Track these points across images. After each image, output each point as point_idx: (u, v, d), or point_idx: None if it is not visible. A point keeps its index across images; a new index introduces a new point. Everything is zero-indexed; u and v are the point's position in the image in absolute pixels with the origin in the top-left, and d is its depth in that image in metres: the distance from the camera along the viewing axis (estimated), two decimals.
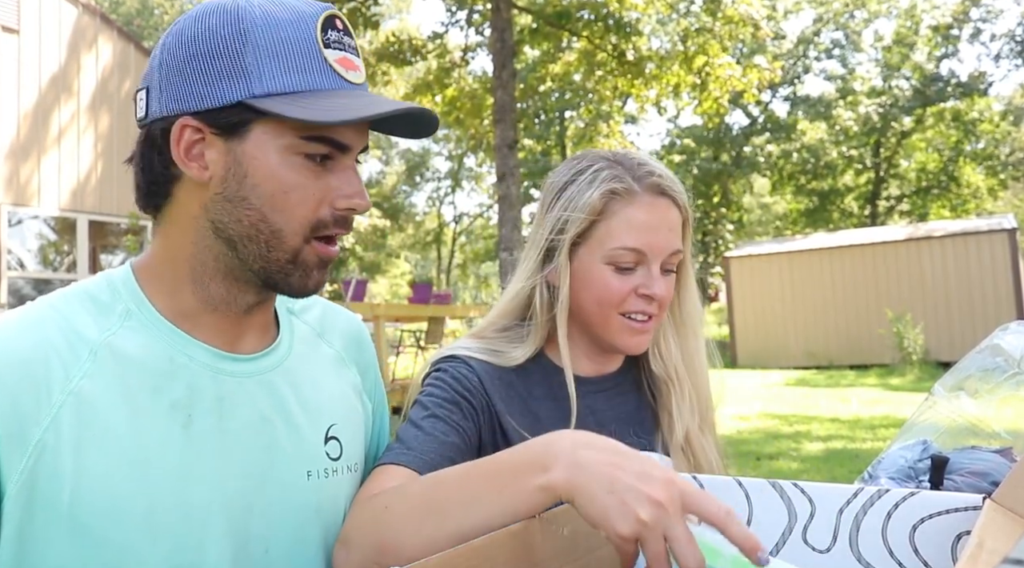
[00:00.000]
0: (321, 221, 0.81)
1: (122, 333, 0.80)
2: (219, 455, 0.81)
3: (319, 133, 0.78)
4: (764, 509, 0.79)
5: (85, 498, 0.74)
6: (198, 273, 0.83)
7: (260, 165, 0.78)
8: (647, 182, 1.09)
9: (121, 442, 0.76)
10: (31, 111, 10.31)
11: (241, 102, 0.76)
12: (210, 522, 0.79)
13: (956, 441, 1.09)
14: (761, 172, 22.47)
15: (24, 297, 10.21)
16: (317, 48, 0.78)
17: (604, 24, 11.62)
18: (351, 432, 0.95)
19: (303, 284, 0.82)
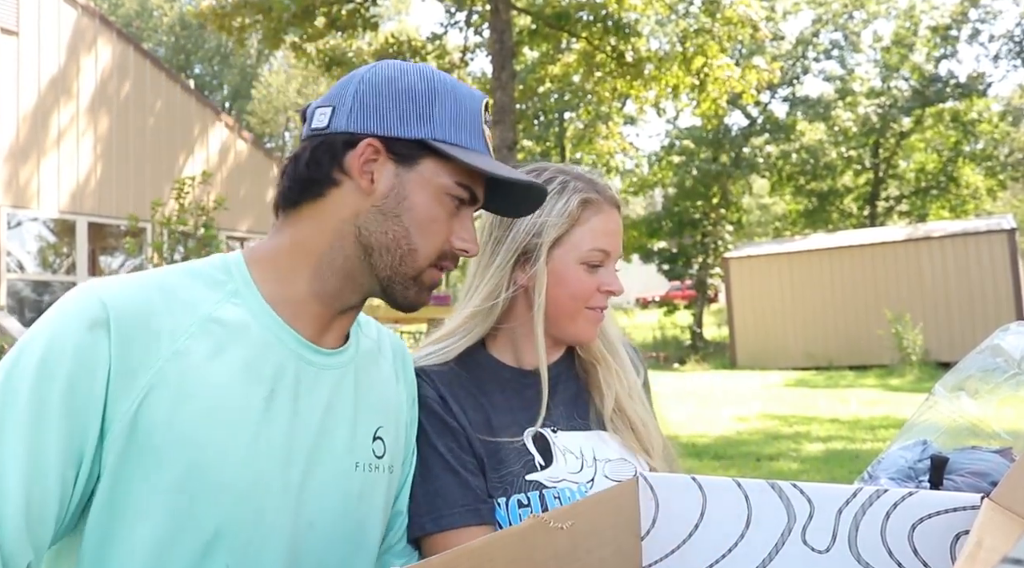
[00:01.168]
0: (444, 252, 0.98)
1: (227, 308, 0.93)
2: (288, 432, 0.92)
3: (467, 181, 0.97)
4: (763, 510, 0.80)
5: (173, 449, 0.84)
6: (323, 266, 0.97)
7: (419, 193, 0.95)
8: (607, 195, 1.28)
9: (210, 403, 0.87)
10: (30, 113, 10.31)
11: (422, 140, 0.94)
12: (271, 488, 0.89)
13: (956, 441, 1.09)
14: (760, 173, 22.45)
15: (23, 299, 10.22)
16: (480, 122, 0.99)
17: (603, 25, 11.63)
18: (395, 437, 1.07)
19: (417, 298, 0.99)
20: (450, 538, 1.08)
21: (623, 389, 1.29)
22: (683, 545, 0.84)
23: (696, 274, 20.72)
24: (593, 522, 0.81)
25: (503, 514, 1.13)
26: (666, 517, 0.85)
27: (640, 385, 1.34)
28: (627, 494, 0.86)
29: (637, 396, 1.31)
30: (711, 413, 8.76)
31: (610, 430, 1.26)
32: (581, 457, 1.21)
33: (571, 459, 1.20)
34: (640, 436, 1.26)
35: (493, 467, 1.16)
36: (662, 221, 21.36)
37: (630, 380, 1.31)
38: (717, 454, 6.39)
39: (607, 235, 1.25)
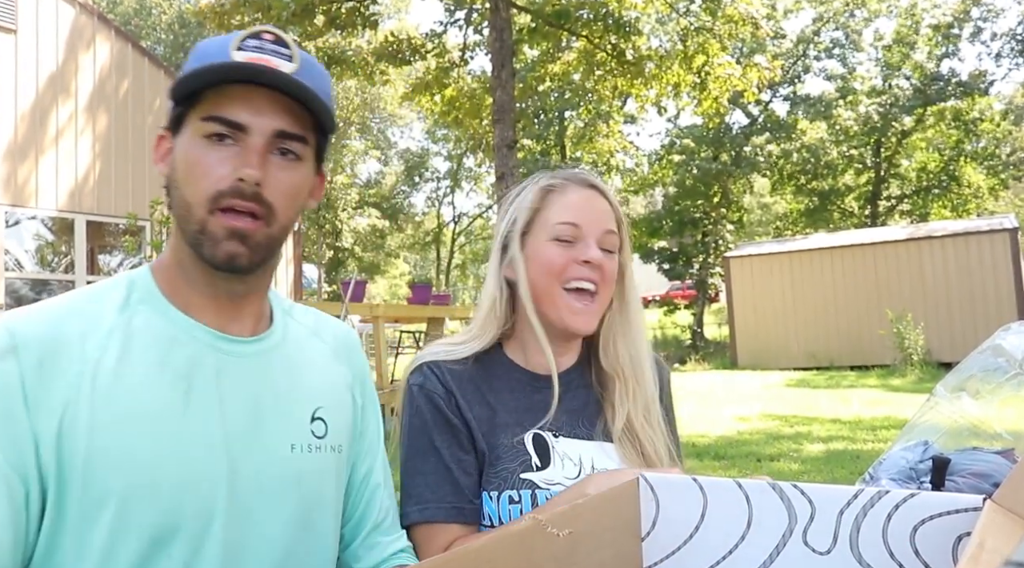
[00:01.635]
0: (220, 192, 0.91)
1: (134, 316, 0.94)
2: (214, 422, 0.93)
3: (212, 113, 0.91)
4: (764, 510, 0.79)
5: (97, 456, 0.85)
6: (180, 260, 0.97)
7: (180, 150, 0.94)
8: (576, 178, 1.29)
9: (127, 407, 0.88)
10: (28, 111, 10.31)
11: (173, 104, 0.94)
12: (204, 483, 0.90)
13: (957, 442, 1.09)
14: (761, 172, 22.44)
15: (22, 298, 10.22)
16: (227, 51, 0.92)
17: (603, 23, 11.61)
18: (336, 416, 1.06)
19: (213, 253, 0.92)
20: (431, 530, 1.15)
21: (636, 409, 1.26)
22: (684, 546, 0.83)
23: (697, 273, 20.71)
24: (593, 523, 0.80)
25: (493, 508, 1.16)
26: (666, 518, 0.84)
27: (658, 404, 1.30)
28: (627, 495, 0.85)
29: (654, 418, 1.28)
30: (712, 413, 8.75)
31: (616, 444, 1.25)
32: (579, 465, 1.21)
33: (569, 465, 1.20)
34: (648, 460, 1.24)
35: (491, 463, 1.19)
36: (662, 220, 21.37)
37: (648, 398, 1.28)
38: (718, 454, 6.39)
39: (574, 208, 1.24)
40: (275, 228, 0.95)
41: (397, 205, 32.34)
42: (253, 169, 0.91)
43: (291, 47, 0.95)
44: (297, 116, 0.94)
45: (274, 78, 0.91)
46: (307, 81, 0.93)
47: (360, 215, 29.37)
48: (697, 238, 20.96)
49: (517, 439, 1.20)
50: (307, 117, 0.95)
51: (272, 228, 0.94)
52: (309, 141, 0.97)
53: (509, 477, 1.17)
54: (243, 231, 0.92)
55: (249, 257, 0.93)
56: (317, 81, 0.96)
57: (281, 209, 0.94)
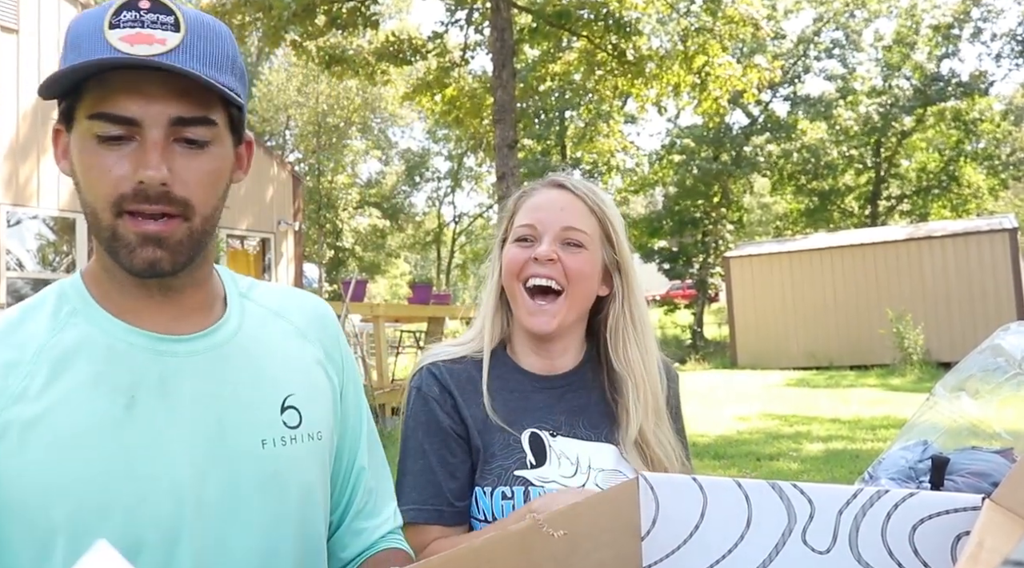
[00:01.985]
0: (123, 196, 0.82)
1: (66, 331, 0.87)
2: (166, 430, 0.86)
3: (97, 110, 0.81)
4: (763, 510, 0.79)
5: (34, 493, 0.80)
6: (104, 263, 0.90)
7: (75, 150, 0.85)
8: (547, 181, 1.32)
9: (62, 433, 0.81)
10: (30, 111, 10.31)
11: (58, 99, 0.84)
12: (163, 496, 0.84)
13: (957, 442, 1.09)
14: (761, 172, 22.44)
15: (23, 297, 10.18)
16: (101, 30, 0.81)
17: (604, 24, 11.61)
18: (310, 401, 0.98)
19: (130, 260, 0.84)
20: (411, 530, 1.18)
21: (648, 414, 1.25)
22: (683, 546, 0.83)
23: (697, 273, 20.71)
24: (593, 523, 0.80)
25: (487, 502, 1.19)
26: (666, 518, 0.85)
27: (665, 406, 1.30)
28: (627, 495, 0.85)
29: (664, 422, 1.28)
30: (711, 413, 8.76)
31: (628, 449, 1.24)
32: (576, 463, 1.22)
33: (565, 463, 1.21)
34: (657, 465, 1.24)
35: (486, 460, 1.21)
36: (663, 220, 21.36)
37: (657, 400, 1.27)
38: (717, 454, 6.39)
39: (532, 210, 1.27)
40: (196, 221, 0.85)
41: (398, 205, 32.32)
42: (154, 169, 0.81)
43: (174, 11, 0.83)
44: (196, 95, 0.83)
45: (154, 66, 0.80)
46: (197, 50, 0.83)
47: (361, 215, 29.36)
48: (697, 238, 20.96)
49: (513, 437, 1.21)
50: (208, 92, 0.84)
51: (193, 222, 0.85)
52: (217, 119, 0.86)
53: (503, 474, 1.19)
54: (157, 234, 0.83)
55: (172, 260, 0.85)
56: (212, 46, 0.85)
57: (199, 201, 0.85)
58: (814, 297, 14.67)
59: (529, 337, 1.28)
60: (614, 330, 1.29)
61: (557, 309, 1.23)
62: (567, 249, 1.24)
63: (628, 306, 1.30)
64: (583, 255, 1.25)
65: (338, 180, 27.98)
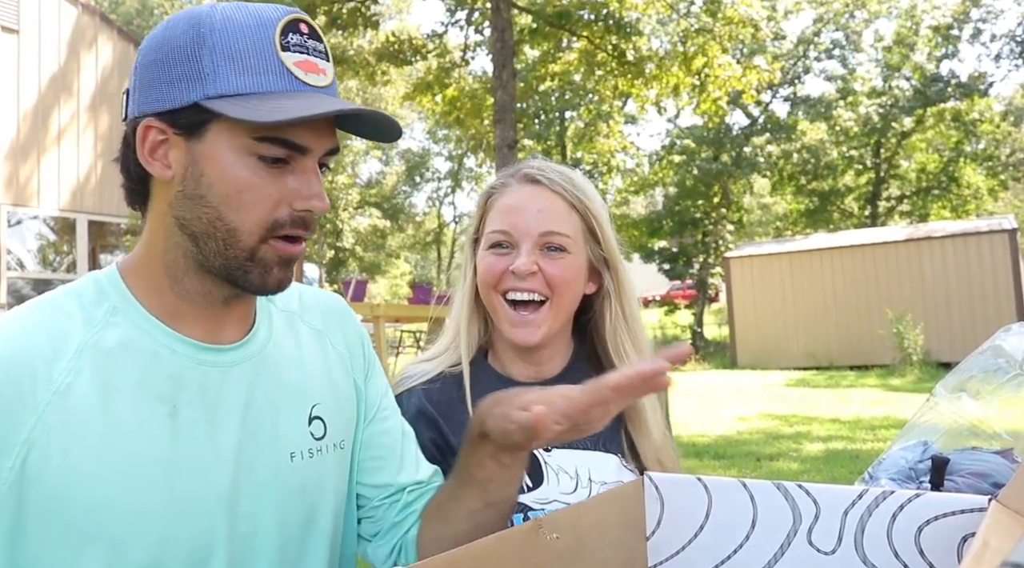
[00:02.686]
0: (278, 221, 0.82)
1: (107, 330, 0.83)
2: (206, 442, 0.85)
3: (271, 134, 0.79)
4: (769, 510, 0.79)
5: (74, 495, 0.77)
6: (171, 269, 0.86)
7: (215, 165, 0.81)
8: (519, 174, 1.19)
9: (106, 437, 0.79)
10: (31, 111, 10.31)
11: (197, 103, 0.79)
12: (201, 508, 0.83)
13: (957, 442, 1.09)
14: (761, 172, 22.43)
15: (24, 297, 10.20)
16: (274, 51, 0.80)
17: (604, 24, 11.61)
18: (335, 410, 0.97)
19: (263, 281, 0.84)
20: None
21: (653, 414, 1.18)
22: (688, 545, 0.84)
23: (697, 273, 20.70)
24: (598, 522, 0.81)
25: None
26: (672, 517, 0.85)
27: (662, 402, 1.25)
28: (632, 494, 0.85)
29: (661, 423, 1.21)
30: (712, 413, 8.75)
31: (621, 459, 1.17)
32: (576, 477, 1.14)
33: (564, 478, 1.14)
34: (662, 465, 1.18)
35: None
36: (663, 220, 21.34)
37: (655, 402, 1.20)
38: (717, 454, 6.39)
39: (505, 213, 1.16)
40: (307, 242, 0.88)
41: (398, 205, 32.31)
42: (322, 200, 0.83)
43: (323, 39, 0.85)
44: (335, 128, 0.85)
45: (382, 121, 0.83)
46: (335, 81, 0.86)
47: (361, 215, 29.35)
48: (697, 238, 20.94)
49: None
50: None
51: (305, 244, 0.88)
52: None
53: None
54: (295, 257, 0.85)
55: (291, 279, 0.87)
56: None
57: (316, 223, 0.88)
58: (814, 297, 14.66)
59: (513, 344, 1.18)
60: (611, 330, 1.20)
61: (542, 319, 1.14)
62: (547, 256, 1.14)
63: (620, 303, 1.21)
64: (566, 260, 1.15)
65: (338, 180, 27.97)
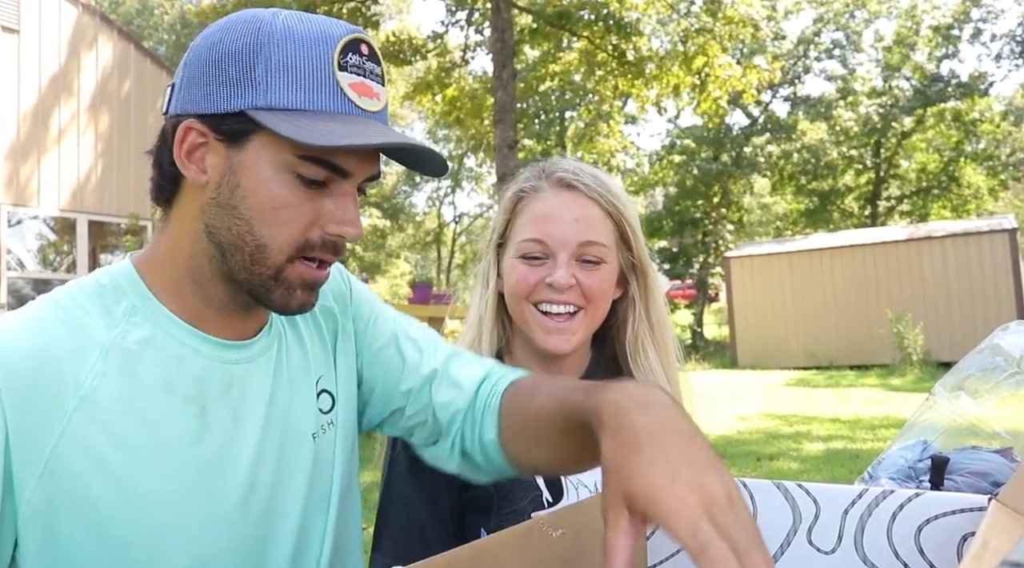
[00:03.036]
0: (309, 242, 0.79)
1: (129, 330, 0.80)
2: (235, 442, 0.83)
3: (316, 154, 0.76)
4: (769, 510, 0.79)
5: (110, 503, 0.75)
6: (196, 274, 0.83)
7: (253, 177, 0.77)
8: (553, 178, 1.13)
9: (138, 444, 0.77)
10: (31, 111, 10.31)
11: (243, 112, 0.76)
12: (235, 506, 0.82)
13: (956, 441, 1.09)
14: (761, 172, 22.44)
15: (24, 297, 10.21)
16: (331, 70, 0.76)
17: (604, 24, 11.62)
18: (339, 375, 0.95)
19: (285, 301, 0.81)
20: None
21: None
22: None
23: (697, 273, 20.71)
24: (598, 522, 0.80)
25: None
26: None
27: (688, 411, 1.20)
28: None
29: None
30: (711, 412, 8.75)
31: None
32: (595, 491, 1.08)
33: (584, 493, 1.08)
34: None
35: (497, 504, 1.08)
36: (663, 220, 21.36)
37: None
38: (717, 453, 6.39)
39: (540, 221, 1.11)
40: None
41: (398, 205, 32.31)
42: (357, 228, 0.81)
43: (381, 62, 0.82)
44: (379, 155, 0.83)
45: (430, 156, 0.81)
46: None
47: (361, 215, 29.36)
48: (697, 238, 20.96)
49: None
50: None
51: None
52: None
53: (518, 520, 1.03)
54: (322, 280, 0.83)
55: (316, 302, 0.84)
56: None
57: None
58: (814, 297, 14.66)
59: (536, 350, 1.15)
60: (632, 337, 1.16)
61: (576, 327, 1.11)
62: (584, 267, 1.11)
63: (645, 309, 1.17)
64: (602, 271, 1.12)
65: None
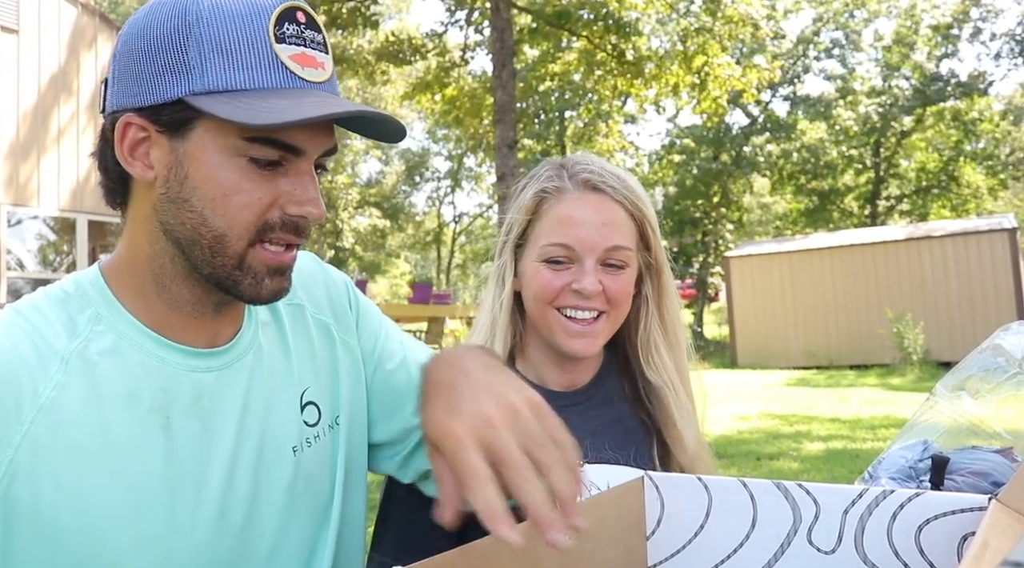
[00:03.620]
0: (268, 224, 0.76)
1: (92, 339, 0.77)
2: (205, 454, 0.79)
3: (264, 135, 0.73)
4: (769, 510, 0.79)
5: (68, 521, 0.72)
6: (159, 276, 0.80)
7: (200, 166, 0.74)
8: (578, 178, 1.10)
9: (100, 458, 0.74)
10: (30, 111, 10.31)
11: (181, 99, 0.72)
12: (201, 523, 0.78)
13: (957, 441, 1.09)
14: (761, 172, 22.46)
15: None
16: (268, 43, 0.73)
17: (604, 24, 11.62)
18: (327, 388, 0.92)
19: (255, 291, 0.78)
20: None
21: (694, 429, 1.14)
22: (689, 545, 0.84)
23: (697, 273, 20.72)
24: (598, 522, 0.81)
25: None
26: (672, 517, 0.85)
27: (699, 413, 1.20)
28: (632, 494, 0.85)
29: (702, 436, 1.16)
30: (711, 412, 8.72)
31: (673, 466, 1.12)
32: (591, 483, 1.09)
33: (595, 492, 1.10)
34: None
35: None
36: (663, 220, 21.25)
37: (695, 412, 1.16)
38: (717, 453, 6.38)
39: (567, 225, 1.08)
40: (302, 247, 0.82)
41: (398, 205, 32.32)
42: (318, 206, 0.77)
43: (322, 29, 0.78)
44: (332, 128, 0.79)
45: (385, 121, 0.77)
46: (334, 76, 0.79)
47: (361, 215, 29.36)
48: (697, 238, 20.97)
49: None
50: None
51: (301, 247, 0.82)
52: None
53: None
54: (288, 265, 0.79)
55: (289, 287, 0.81)
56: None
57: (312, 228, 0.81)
58: (814, 297, 14.66)
59: (552, 352, 1.13)
60: (645, 336, 1.15)
61: (599, 330, 1.10)
62: (609, 272, 1.09)
63: (658, 309, 1.16)
64: (626, 275, 1.10)
65: (338, 180, 27.97)
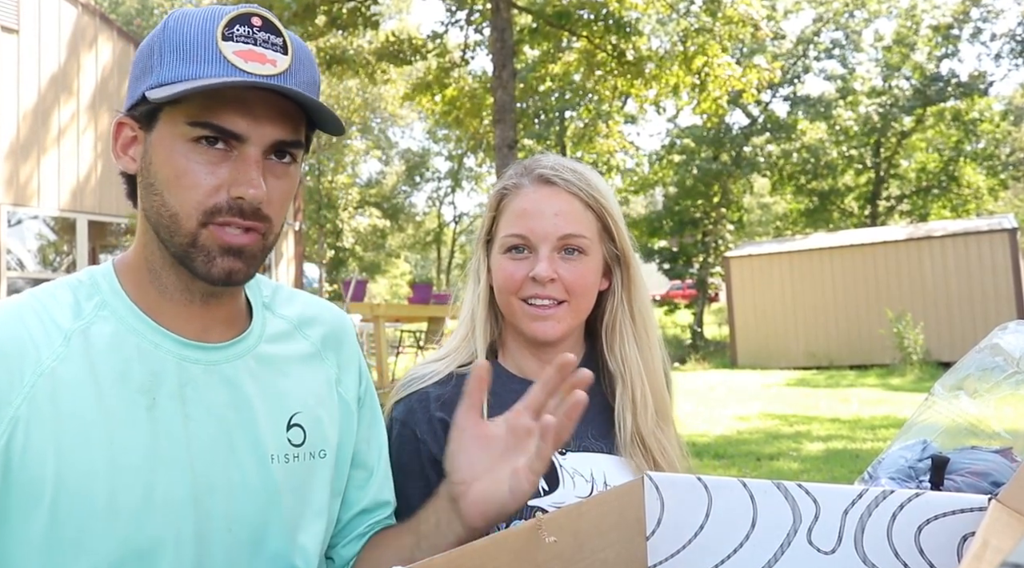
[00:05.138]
0: (216, 207, 0.84)
1: (95, 322, 0.87)
2: (182, 438, 0.86)
3: (201, 118, 0.82)
4: (769, 510, 0.79)
5: (55, 479, 0.79)
6: (151, 263, 0.90)
7: (160, 152, 0.84)
8: (534, 174, 1.17)
9: (91, 423, 0.82)
10: (31, 111, 10.31)
11: (144, 95, 0.83)
12: (172, 503, 0.84)
13: (956, 441, 1.09)
14: (761, 172, 22.43)
15: None
16: (214, 41, 0.82)
17: (604, 24, 11.61)
18: (318, 421, 0.98)
19: (207, 269, 0.85)
20: None
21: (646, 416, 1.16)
22: (689, 545, 0.84)
23: (697, 273, 20.70)
24: (598, 522, 0.81)
25: None
26: (672, 517, 0.85)
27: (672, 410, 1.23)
28: (632, 494, 0.85)
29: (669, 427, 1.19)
30: (712, 412, 8.75)
31: (626, 456, 1.16)
32: (591, 480, 1.13)
33: (580, 482, 1.12)
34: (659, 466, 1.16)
35: None
36: (663, 220, 21.37)
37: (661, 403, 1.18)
38: (717, 453, 6.39)
39: (521, 217, 1.15)
40: (270, 238, 0.88)
41: (398, 205, 32.31)
42: (256, 188, 0.83)
43: (283, 33, 0.86)
44: (293, 119, 0.86)
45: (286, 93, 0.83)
46: (300, 75, 0.86)
47: (361, 215, 29.36)
48: (697, 238, 20.95)
49: None
50: (301, 115, 0.87)
51: (268, 238, 0.88)
52: (302, 142, 0.90)
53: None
54: (241, 247, 0.85)
55: (246, 272, 0.87)
56: (309, 72, 0.88)
57: (277, 218, 0.88)
58: (814, 297, 14.66)
59: (527, 341, 1.18)
60: (611, 326, 1.20)
61: (562, 315, 1.15)
62: (566, 259, 1.14)
63: (627, 300, 1.21)
64: (584, 263, 1.15)
65: (338, 180, 27.97)
